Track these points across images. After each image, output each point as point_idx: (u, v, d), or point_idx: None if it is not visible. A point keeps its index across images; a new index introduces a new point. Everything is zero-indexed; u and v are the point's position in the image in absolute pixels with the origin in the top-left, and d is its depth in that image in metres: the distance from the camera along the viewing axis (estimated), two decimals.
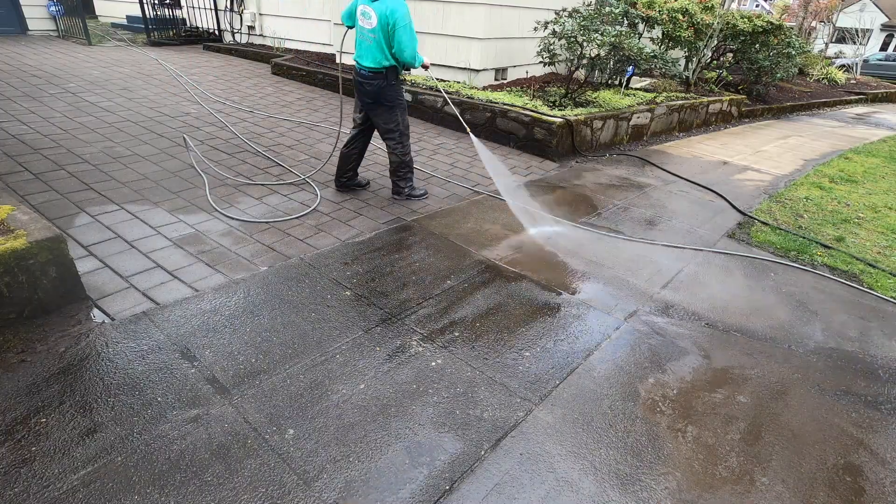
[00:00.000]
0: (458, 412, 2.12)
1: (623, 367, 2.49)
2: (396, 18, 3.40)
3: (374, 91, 3.67)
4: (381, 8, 3.42)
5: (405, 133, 3.90)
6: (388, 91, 3.68)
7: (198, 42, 10.17)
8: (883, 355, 2.79)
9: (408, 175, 4.06)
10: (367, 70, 3.62)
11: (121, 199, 3.62)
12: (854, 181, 5.98)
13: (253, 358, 2.29)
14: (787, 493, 1.90)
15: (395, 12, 3.39)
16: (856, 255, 3.93)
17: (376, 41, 3.51)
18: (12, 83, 6.04)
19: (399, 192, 4.13)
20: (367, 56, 3.60)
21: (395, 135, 3.85)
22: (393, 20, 3.41)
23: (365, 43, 3.58)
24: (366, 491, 1.75)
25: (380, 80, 3.63)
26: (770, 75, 9.72)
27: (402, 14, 3.41)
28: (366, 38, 3.55)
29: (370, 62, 3.59)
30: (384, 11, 3.41)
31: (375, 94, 3.68)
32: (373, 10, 3.45)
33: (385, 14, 3.41)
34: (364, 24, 3.53)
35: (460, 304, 2.86)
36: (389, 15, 3.40)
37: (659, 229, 4.16)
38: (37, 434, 1.83)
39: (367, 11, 3.49)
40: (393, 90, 3.71)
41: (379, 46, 3.53)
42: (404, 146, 3.92)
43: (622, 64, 6.78)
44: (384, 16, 3.42)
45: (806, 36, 19.25)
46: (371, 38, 3.52)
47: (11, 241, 2.23)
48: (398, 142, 3.88)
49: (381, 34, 3.48)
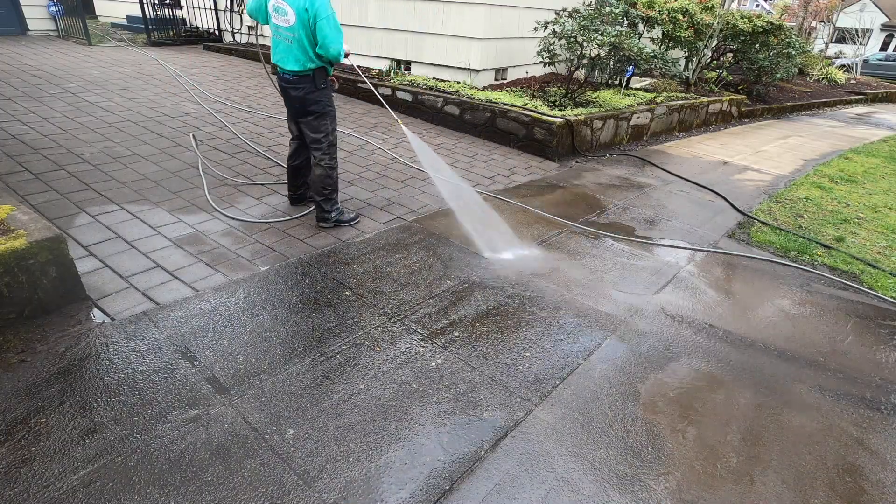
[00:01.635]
0: (458, 412, 2.12)
1: (623, 367, 2.49)
2: (317, 10, 2.93)
3: (301, 97, 3.22)
4: (296, 1, 2.95)
5: (334, 144, 3.43)
6: (316, 96, 3.23)
7: (198, 42, 10.16)
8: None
9: (332, 196, 3.50)
10: (291, 74, 3.16)
11: (121, 199, 3.62)
12: (854, 181, 5.98)
13: (253, 358, 2.29)
14: (787, 493, 1.90)
15: (314, 3, 2.92)
16: (856, 255, 3.93)
17: (297, 40, 3.04)
18: (12, 83, 6.04)
19: (325, 217, 3.52)
20: (288, 59, 3.13)
21: (324, 145, 3.36)
22: (313, 12, 2.94)
23: (283, 44, 3.10)
24: (366, 491, 1.75)
25: (307, 85, 3.18)
26: (770, 75, 9.73)
27: (323, 4, 2.94)
28: (283, 37, 3.09)
29: (293, 65, 3.12)
30: (301, 5, 2.94)
31: (302, 99, 3.23)
32: (288, 6, 2.97)
33: (302, 8, 2.94)
34: (279, 21, 3.05)
35: (460, 304, 2.86)
36: (308, 7, 2.93)
37: (659, 229, 4.16)
38: (37, 434, 1.83)
39: (280, 7, 3.00)
40: (322, 95, 3.25)
41: (301, 46, 3.06)
42: (332, 157, 3.43)
43: (622, 64, 6.79)
44: (302, 10, 2.95)
45: (806, 36, 19.25)
46: (290, 38, 3.06)
47: (11, 241, 2.23)
48: (325, 152, 3.38)
49: (302, 31, 3.01)
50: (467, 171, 5.01)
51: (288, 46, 3.09)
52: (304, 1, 2.92)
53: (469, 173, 4.95)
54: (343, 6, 7.60)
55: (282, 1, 2.98)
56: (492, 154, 5.58)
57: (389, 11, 7.21)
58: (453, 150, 5.59)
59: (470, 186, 3.64)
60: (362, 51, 7.78)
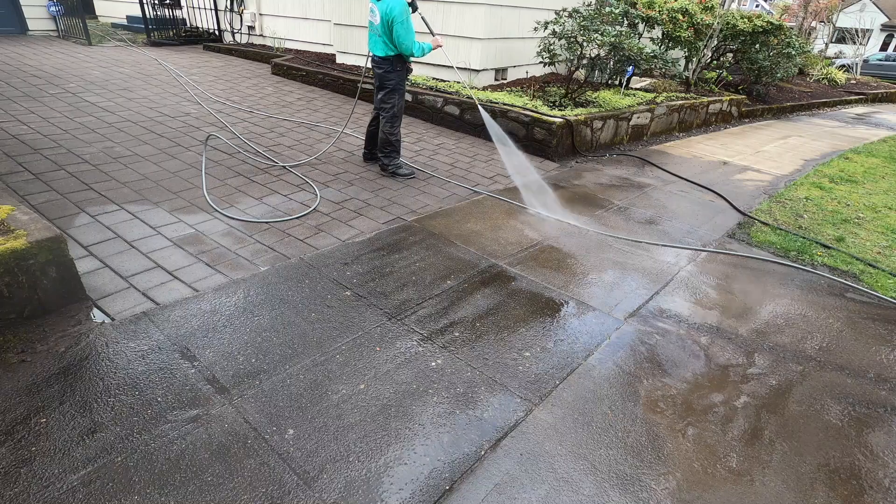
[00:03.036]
0: (458, 412, 2.12)
1: (623, 368, 2.49)
2: (394, 16, 3.97)
3: (381, 74, 4.31)
4: (382, 7, 4.00)
5: (397, 115, 4.43)
6: (391, 75, 4.29)
7: (198, 42, 10.17)
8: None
9: (392, 153, 4.57)
10: (377, 57, 4.27)
11: (121, 200, 3.63)
12: (854, 181, 5.98)
13: (253, 358, 2.29)
14: (787, 493, 1.90)
15: (393, 10, 3.95)
16: (856, 255, 3.93)
17: (380, 35, 4.13)
18: (12, 83, 6.04)
19: (384, 167, 4.64)
20: (376, 46, 4.24)
21: (388, 114, 4.39)
22: (390, 17, 3.98)
23: (374, 35, 4.22)
24: (366, 491, 1.75)
25: (386, 66, 4.26)
26: (770, 75, 9.72)
27: (399, 11, 3.96)
28: (373, 31, 4.19)
29: (378, 51, 4.24)
30: (384, 10, 3.99)
31: (381, 76, 4.31)
32: (377, 9, 4.04)
33: (385, 12, 3.99)
34: (372, 19, 4.14)
35: (460, 304, 2.86)
36: (388, 12, 3.97)
37: (659, 229, 4.16)
38: (37, 434, 1.83)
39: (372, 9, 4.10)
40: (395, 76, 4.30)
41: (382, 39, 4.15)
42: (393, 126, 4.44)
43: (622, 64, 6.78)
44: (385, 13, 3.99)
45: (806, 36, 19.25)
46: (378, 32, 4.14)
47: (11, 241, 2.23)
48: (388, 121, 4.41)
49: (383, 29, 4.08)
50: (467, 171, 5.01)
51: (376, 38, 4.20)
52: (385, 8, 3.98)
53: (469, 173, 4.95)
54: (344, 7, 7.61)
55: (374, 5, 4.09)
56: (492, 154, 5.58)
57: None
58: (453, 150, 5.59)
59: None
60: (363, 51, 7.77)
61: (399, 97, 4.40)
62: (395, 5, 3.94)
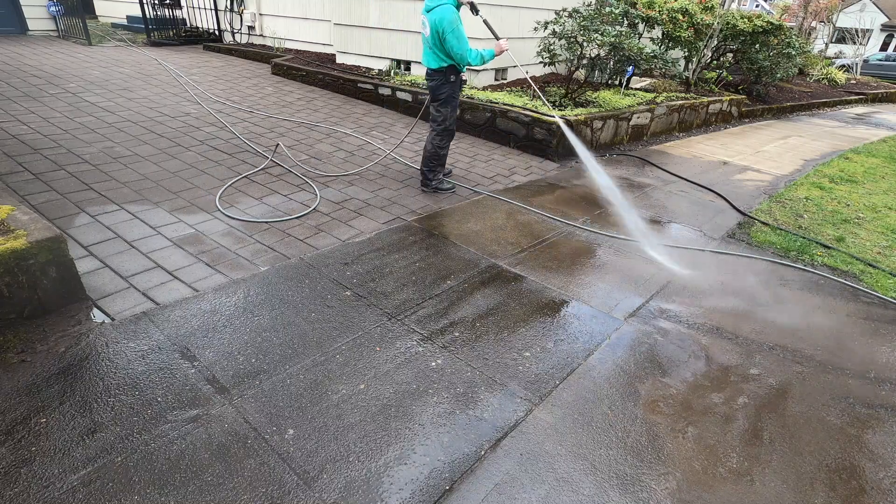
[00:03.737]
0: (458, 412, 2.12)
1: (623, 368, 2.49)
2: (444, 27, 3.85)
3: (433, 86, 4.20)
4: (432, 18, 3.90)
5: (449, 129, 4.29)
6: (443, 87, 4.16)
7: (198, 42, 10.16)
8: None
9: (436, 168, 4.41)
10: (429, 69, 4.17)
11: (121, 200, 3.63)
12: (854, 181, 5.98)
13: (253, 358, 2.29)
14: (787, 493, 1.90)
15: (442, 20, 3.84)
16: (856, 256, 3.93)
17: (431, 46, 4.03)
18: (12, 83, 6.04)
19: (426, 183, 4.45)
20: (427, 58, 4.14)
21: (438, 127, 4.26)
22: (441, 28, 3.86)
23: (426, 48, 4.13)
24: (366, 491, 1.75)
25: (438, 78, 4.13)
26: (770, 75, 9.72)
27: (449, 21, 3.83)
28: (425, 42, 4.11)
29: (430, 63, 4.13)
30: (434, 21, 3.89)
31: (433, 88, 4.21)
32: (426, 20, 3.96)
33: (435, 22, 3.88)
34: (423, 31, 4.05)
35: (460, 304, 2.86)
36: (438, 23, 3.86)
37: (659, 229, 4.16)
38: (37, 434, 1.83)
39: (423, 21, 4.03)
40: (448, 87, 4.15)
41: (433, 51, 4.03)
42: (443, 139, 4.30)
43: (622, 64, 6.78)
44: (434, 24, 3.89)
45: (806, 36, 19.25)
46: (428, 44, 4.05)
47: (11, 241, 2.23)
48: (437, 133, 4.27)
49: (434, 41, 3.96)
50: (467, 171, 5.01)
51: (427, 51, 4.10)
52: (435, 20, 3.87)
53: (469, 173, 4.95)
54: (344, 7, 7.61)
55: (424, 16, 3.99)
56: (492, 154, 5.58)
57: (390, 12, 7.21)
58: (454, 150, 5.58)
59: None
60: (363, 51, 7.78)
61: (451, 110, 4.25)
62: (445, 14, 3.81)
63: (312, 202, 3.94)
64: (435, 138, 4.30)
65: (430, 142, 4.32)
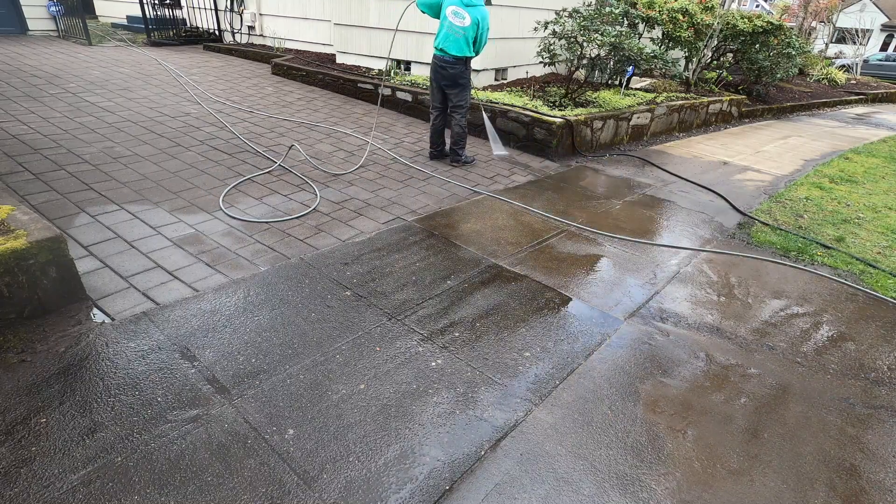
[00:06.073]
0: (458, 412, 2.12)
1: (623, 368, 2.49)
2: (487, 24, 4.57)
3: (455, 73, 4.65)
4: (475, 13, 4.46)
5: (469, 109, 4.96)
6: (465, 73, 4.70)
7: (198, 42, 10.16)
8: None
9: (463, 144, 5.06)
10: (452, 57, 4.59)
11: (121, 200, 3.63)
12: (854, 181, 5.98)
13: (253, 358, 2.29)
14: (787, 493, 1.90)
15: (486, 19, 4.55)
16: (856, 256, 3.92)
17: (465, 37, 4.51)
18: (12, 83, 6.04)
19: (457, 159, 5.09)
20: (453, 47, 4.54)
21: (463, 110, 4.84)
22: (484, 25, 4.54)
23: (453, 37, 4.52)
24: (366, 491, 1.75)
25: (461, 66, 4.64)
26: (770, 75, 9.72)
27: (488, 19, 4.60)
28: (455, 32, 4.50)
29: (456, 51, 4.55)
30: (477, 16, 4.47)
31: (455, 76, 4.66)
32: (468, 14, 4.45)
33: (478, 18, 4.48)
34: (456, 21, 4.47)
35: (460, 304, 2.86)
36: (482, 20, 4.51)
37: (659, 229, 4.16)
38: (37, 434, 1.83)
39: (460, 13, 4.46)
40: (468, 74, 4.73)
41: (466, 41, 4.53)
42: (466, 119, 4.93)
43: (622, 64, 6.78)
44: (477, 20, 4.47)
45: (806, 36, 19.26)
46: (461, 34, 4.50)
47: (11, 241, 2.23)
48: (463, 115, 4.85)
49: (471, 33, 4.50)
50: (468, 171, 5.01)
51: (457, 39, 4.52)
52: (478, 15, 4.47)
53: (469, 173, 4.95)
54: (344, 7, 7.61)
55: (463, 10, 4.46)
56: (491, 154, 5.57)
57: (390, 12, 7.20)
58: None
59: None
60: (363, 51, 7.78)
61: (469, 93, 4.84)
62: (487, 13, 4.54)
63: (312, 202, 3.94)
64: (461, 120, 4.84)
65: (457, 125, 4.87)
